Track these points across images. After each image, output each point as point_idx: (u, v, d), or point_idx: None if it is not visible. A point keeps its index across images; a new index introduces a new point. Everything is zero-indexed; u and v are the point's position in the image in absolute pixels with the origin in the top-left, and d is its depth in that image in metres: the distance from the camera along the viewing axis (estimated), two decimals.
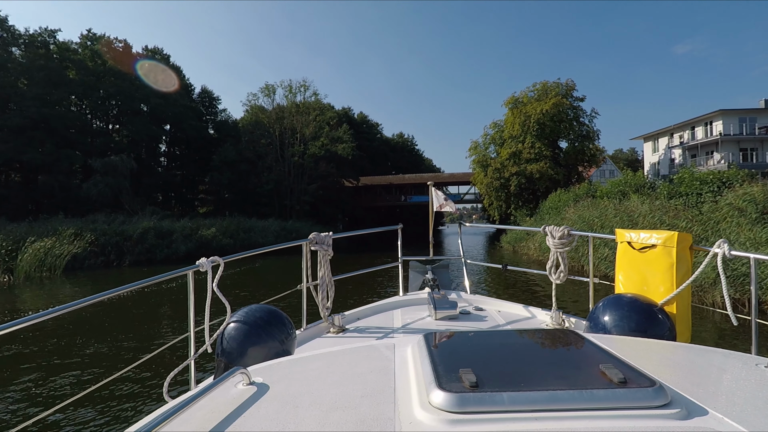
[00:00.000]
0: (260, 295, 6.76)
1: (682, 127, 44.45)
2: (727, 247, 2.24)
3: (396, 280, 4.49)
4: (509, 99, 46.05)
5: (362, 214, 61.35)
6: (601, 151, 44.96)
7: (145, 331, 9.77)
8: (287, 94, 47.76)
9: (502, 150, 44.45)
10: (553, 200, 33.53)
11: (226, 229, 30.87)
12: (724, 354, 1.44)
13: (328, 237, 3.23)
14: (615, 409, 0.94)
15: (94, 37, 43.91)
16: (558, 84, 44.37)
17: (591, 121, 44.23)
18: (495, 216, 46.76)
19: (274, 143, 47.01)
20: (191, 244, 27.64)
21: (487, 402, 0.95)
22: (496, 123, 48.20)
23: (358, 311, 3.64)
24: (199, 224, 30.09)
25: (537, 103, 42.82)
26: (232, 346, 2.16)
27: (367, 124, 77.91)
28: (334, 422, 0.96)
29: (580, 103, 44.45)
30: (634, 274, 2.65)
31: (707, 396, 1.06)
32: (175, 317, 11.05)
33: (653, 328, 2.30)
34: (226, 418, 1.01)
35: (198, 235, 28.56)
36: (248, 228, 32.37)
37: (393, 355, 1.40)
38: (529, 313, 3.46)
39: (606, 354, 1.24)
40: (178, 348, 6.68)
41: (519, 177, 41.21)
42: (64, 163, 35.99)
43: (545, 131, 42.67)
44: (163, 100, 44.22)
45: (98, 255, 23.30)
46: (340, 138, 51.67)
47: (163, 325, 10.51)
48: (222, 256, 2.41)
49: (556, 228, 3.13)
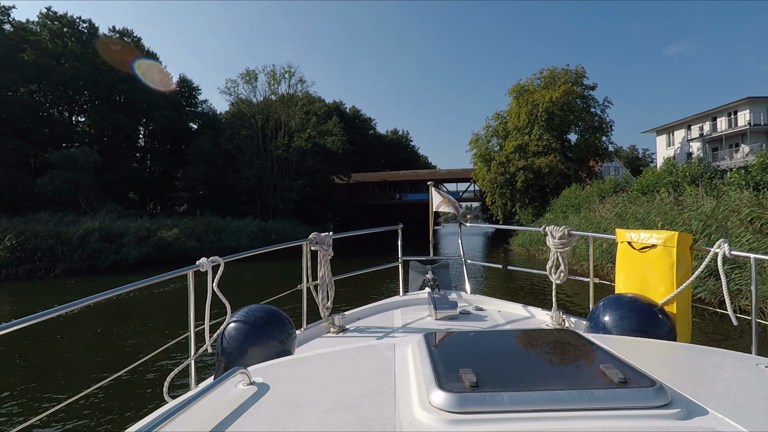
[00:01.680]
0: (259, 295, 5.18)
1: (701, 118, 40.80)
2: (727, 247, 2.25)
3: (396, 280, 4.44)
4: (513, 87, 42.09)
5: (354, 213, 57.17)
6: (616, 148, 41.05)
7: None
8: (270, 81, 43.29)
9: (506, 143, 40.49)
10: (569, 197, 29.64)
11: (192, 230, 26.54)
12: (724, 354, 1.43)
13: (328, 237, 3.19)
14: (615, 409, 0.93)
15: (54, 16, 39.38)
16: (567, 71, 40.47)
17: (603, 111, 40.44)
18: (498, 215, 42.82)
19: (255, 135, 42.64)
20: (146, 248, 23.34)
21: (487, 402, 0.95)
22: (499, 114, 44.24)
23: (358, 311, 3.62)
24: (159, 224, 25.74)
25: (545, 91, 38.90)
26: (233, 346, 2.15)
27: (360, 118, 73.58)
28: (334, 422, 0.96)
29: (590, 92, 40.66)
30: (635, 274, 2.65)
31: (707, 396, 1.05)
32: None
33: (653, 328, 2.28)
34: (226, 418, 1.01)
35: (156, 237, 24.22)
36: (219, 228, 27.99)
37: (393, 355, 1.40)
38: (529, 313, 3.44)
39: (606, 354, 1.23)
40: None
41: (526, 172, 37.22)
42: (11, 156, 31.45)
43: (554, 122, 38.78)
44: (132, 86, 39.76)
45: (22, 263, 19.02)
46: (330, 131, 47.48)
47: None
48: (216, 257, 2.35)
49: (556, 228, 3.12)
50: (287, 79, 44.06)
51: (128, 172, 39.30)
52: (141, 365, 2.79)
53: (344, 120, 61.29)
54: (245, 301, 2.55)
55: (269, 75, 43.12)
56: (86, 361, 7.69)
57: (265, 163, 42.18)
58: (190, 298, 2.24)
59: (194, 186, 40.05)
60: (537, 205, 39.65)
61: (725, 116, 38.21)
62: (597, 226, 17.67)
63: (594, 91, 40.63)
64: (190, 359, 2.29)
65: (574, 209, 26.78)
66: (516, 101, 41.18)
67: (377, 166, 66.79)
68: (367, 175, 60.13)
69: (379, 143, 75.93)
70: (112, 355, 7.90)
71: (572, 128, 40.70)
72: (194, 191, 39.87)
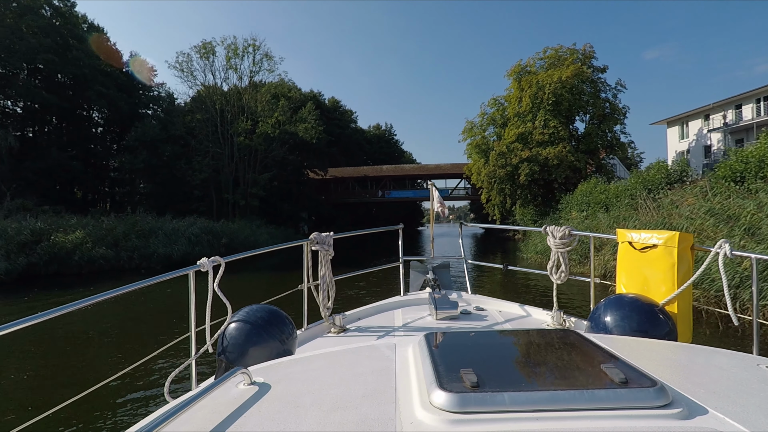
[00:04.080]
0: (259, 296, 3.37)
1: (722, 107, 36.19)
2: (728, 247, 2.24)
3: (397, 280, 4.43)
4: (514, 67, 36.67)
5: (331, 212, 51.05)
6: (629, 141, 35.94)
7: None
8: (230, 55, 36.62)
9: (506, 131, 35.07)
10: (589, 192, 24.31)
11: (108, 233, 19.92)
12: (725, 354, 1.43)
13: (329, 237, 3.21)
14: (616, 409, 0.93)
15: None
16: (574, 50, 35.28)
17: (615, 96, 35.43)
18: (495, 215, 37.39)
19: (212, 119, 36.07)
20: (28, 258, 16.71)
21: (488, 402, 0.94)
22: (496, 99, 38.80)
23: (358, 311, 3.63)
24: (58, 224, 19.06)
25: (552, 70, 33.63)
26: (233, 346, 2.16)
27: (340, 110, 67.32)
28: (335, 422, 0.95)
29: (601, 75, 35.62)
30: (636, 274, 2.64)
31: (708, 396, 1.05)
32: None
33: (654, 328, 2.28)
34: (227, 418, 1.01)
35: (50, 242, 17.61)
36: (148, 231, 21.34)
37: (394, 355, 1.40)
38: (530, 313, 3.44)
39: (607, 354, 1.23)
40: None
41: (531, 164, 31.79)
42: None
43: (561, 107, 33.55)
44: (58, 57, 32.76)
45: None
46: (303, 118, 41.26)
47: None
48: (217, 257, 2.35)
49: (557, 228, 3.13)
50: (251, 53, 37.54)
51: (53, 160, 32.24)
52: (142, 365, 2.55)
53: (322, 111, 55.09)
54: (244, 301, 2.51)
55: (229, 49, 36.43)
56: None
57: (224, 152, 35.69)
58: (191, 298, 2.23)
59: (135, 178, 33.20)
60: (540, 203, 34.34)
61: (753, 102, 33.62)
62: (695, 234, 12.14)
63: (604, 74, 35.62)
64: (191, 359, 2.27)
65: (600, 207, 21.42)
66: (517, 84, 35.77)
67: (358, 161, 60.59)
68: (346, 170, 54.10)
69: (360, 137, 69.89)
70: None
71: (580, 115, 35.57)
72: (134, 184, 32.96)
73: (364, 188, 54.04)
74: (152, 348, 2.49)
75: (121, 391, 6.02)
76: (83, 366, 7.32)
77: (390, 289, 13.73)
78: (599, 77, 35.42)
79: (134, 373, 5.90)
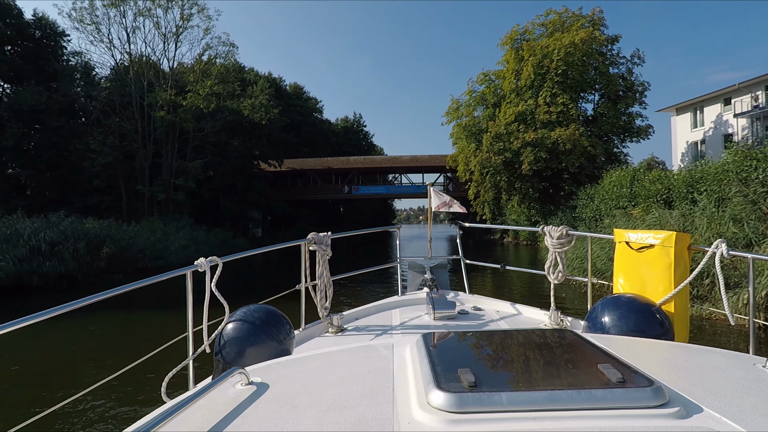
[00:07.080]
0: (258, 295, 3.40)
1: (748, 87, 30.77)
2: (725, 247, 2.24)
3: (394, 280, 4.46)
4: (510, 34, 29.93)
5: (289, 211, 43.07)
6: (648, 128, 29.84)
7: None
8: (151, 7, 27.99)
9: (502, 110, 28.33)
10: (629, 183, 17.75)
11: None
12: (721, 354, 1.43)
13: (326, 237, 3.16)
14: (613, 408, 0.93)
15: None
16: (580, 15, 29.00)
17: (630, 72, 29.41)
18: (486, 214, 30.65)
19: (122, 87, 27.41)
20: None
21: (485, 402, 0.94)
22: (487, 74, 32.05)
23: (356, 311, 3.58)
24: None
25: (560, 34, 27.14)
26: (231, 346, 2.15)
27: (302, 97, 59.18)
28: (332, 422, 0.95)
29: (612, 46, 29.55)
30: (633, 274, 2.64)
31: (705, 395, 1.05)
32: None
33: (651, 328, 2.27)
34: (224, 418, 1.00)
35: None
36: None
37: (391, 355, 1.40)
38: (528, 313, 3.44)
39: (604, 354, 1.23)
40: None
41: (536, 149, 25.11)
42: None
43: (567, 82, 27.16)
44: None
45: None
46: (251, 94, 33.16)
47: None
48: (215, 258, 2.30)
49: (555, 228, 3.13)
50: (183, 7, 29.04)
51: None
52: (139, 365, 2.52)
53: (281, 97, 46.89)
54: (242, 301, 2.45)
55: None
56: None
57: (138, 129, 27.13)
58: (188, 298, 2.21)
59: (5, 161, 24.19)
60: (542, 199, 27.78)
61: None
62: None
63: (617, 45, 29.54)
64: (189, 359, 2.25)
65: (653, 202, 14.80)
66: (514, 53, 29.13)
67: (323, 154, 52.65)
68: (307, 161, 46.23)
69: (326, 128, 61.97)
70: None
71: (589, 92, 29.34)
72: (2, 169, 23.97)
73: (328, 183, 46.32)
74: (150, 348, 2.46)
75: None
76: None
77: (388, 289, 10.86)
78: (610, 49, 29.37)
79: (131, 374, 4.25)
